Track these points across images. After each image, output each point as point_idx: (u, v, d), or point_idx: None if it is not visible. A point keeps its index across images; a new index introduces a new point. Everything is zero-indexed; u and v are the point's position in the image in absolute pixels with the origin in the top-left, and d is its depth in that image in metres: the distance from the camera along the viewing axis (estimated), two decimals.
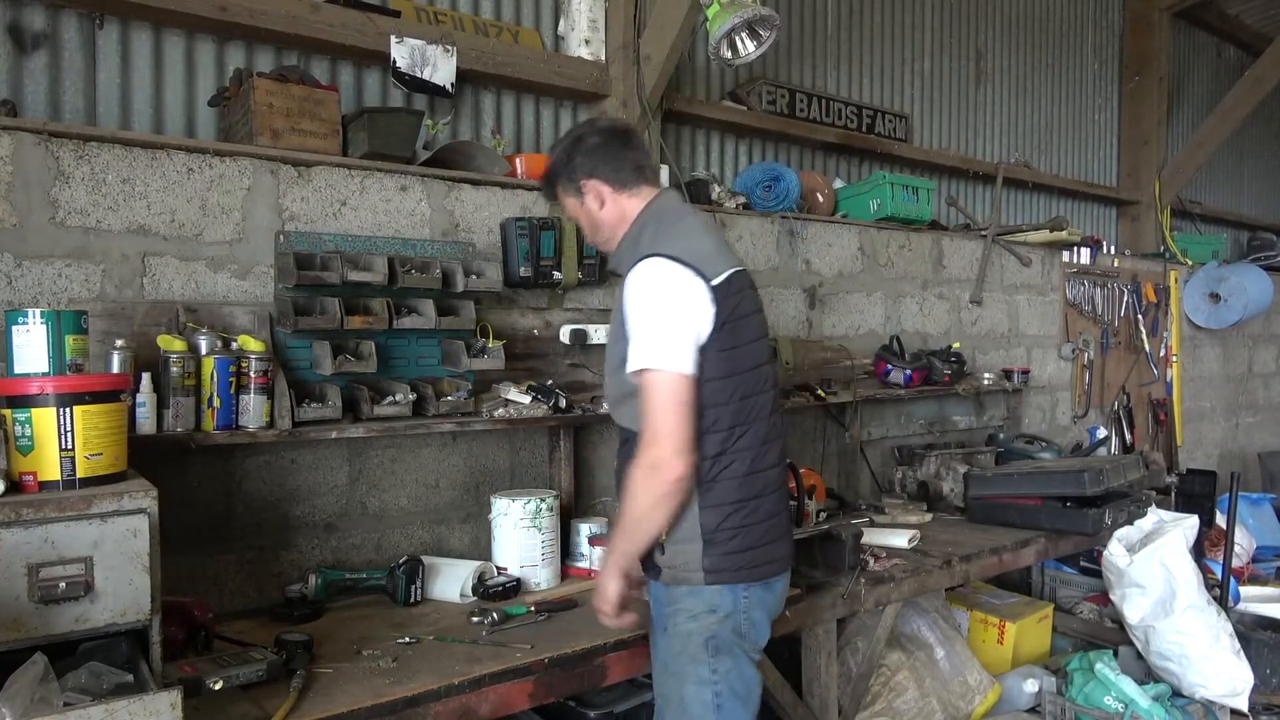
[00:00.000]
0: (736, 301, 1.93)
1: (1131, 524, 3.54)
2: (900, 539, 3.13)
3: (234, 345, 2.33)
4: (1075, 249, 5.30)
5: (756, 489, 1.94)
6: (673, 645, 1.94)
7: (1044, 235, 4.96)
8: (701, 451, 1.89)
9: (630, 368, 1.87)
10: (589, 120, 2.19)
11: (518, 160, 3.13)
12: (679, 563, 1.93)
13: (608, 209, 2.05)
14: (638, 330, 1.87)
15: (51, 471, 1.63)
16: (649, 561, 1.99)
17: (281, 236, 2.50)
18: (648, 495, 1.85)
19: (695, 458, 1.86)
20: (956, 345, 4.37)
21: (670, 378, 1.83)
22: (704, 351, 1.87)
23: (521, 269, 2.92)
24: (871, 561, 2.89)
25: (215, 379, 2.24)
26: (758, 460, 1.94)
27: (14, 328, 1.73)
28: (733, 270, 1.94)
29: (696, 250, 1.92)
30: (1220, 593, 3.83)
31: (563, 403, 2.80)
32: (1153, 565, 3.37)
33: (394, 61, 2.93)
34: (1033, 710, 3.35)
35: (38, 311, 1.73)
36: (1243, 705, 3.33)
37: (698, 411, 1.88)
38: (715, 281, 1.89)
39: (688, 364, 1.85)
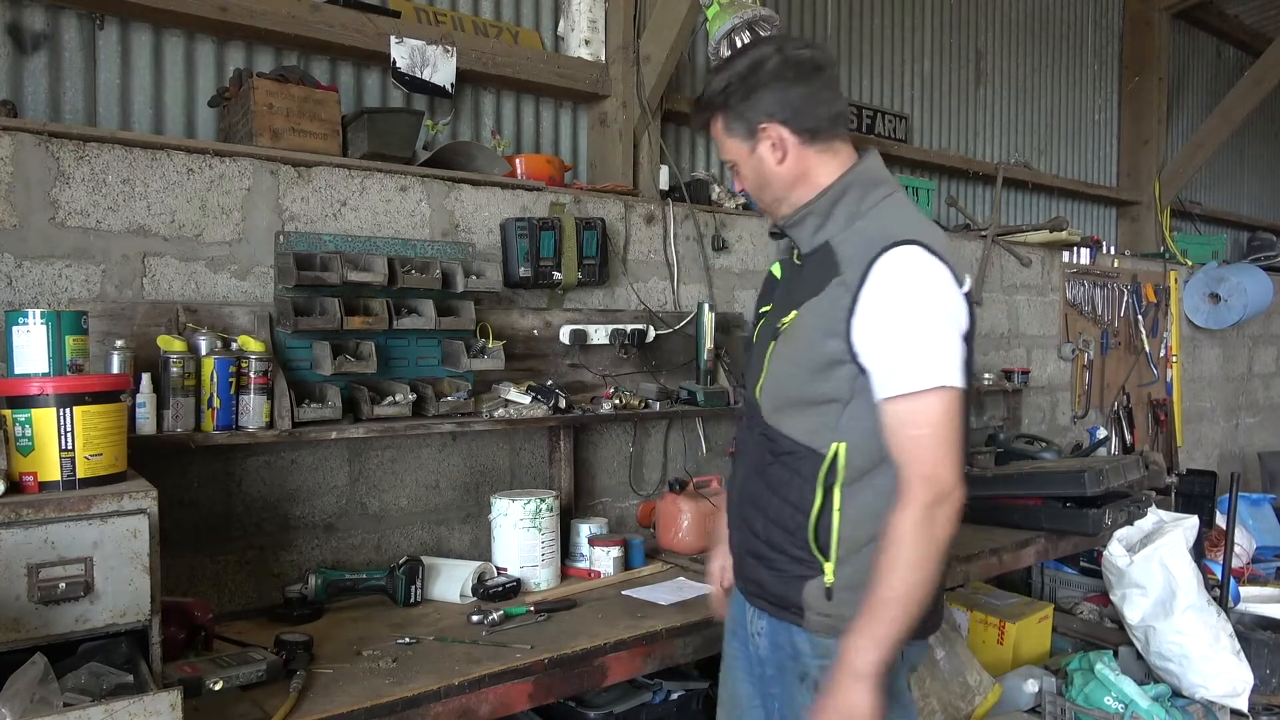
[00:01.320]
0: (973, 322, 1.61)
1: (1131, 524, 3.54)
2: None
3: (234, 346, 2.33)
4: (1075, 249, 5.30)
5: None
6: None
7: (1044, 236, 4.96)
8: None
9: (893, 387, 1.53)
10: (773, 39, 1.75)
11: (517, 160, 3.13)
12: (851, 614, 1.57)
13: (789, 163, 1.65)
14: (904, 341, 1.52)
15: (51, 472, 1.63)
16: (779, 596, 1.70)
17: (281, 237, 2.50)
18: (932, 544, 1.51)
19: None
20: None
21: (954, 397, 1.52)
22: None
23: (521, 269, 2.92)
24: None
25: (215, 379, 2.24)
26: None
27: (14, 328, 1.73)
28: (968, 278, 1.62)
29: (944, 245, 1.59)
30: (1220, 593, 3.84)
31: (562, 403, 2.80)
32: (1153, 566, 3.37)
33: (394, 62, 2.93)
34: (1033, 711, 3.34)
35: (38, 312, 1.73)
36: (1243, 705, 3.33)
37: None
38: (964, 290, 1.59)
39: (964, 378, 1.55)
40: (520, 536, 2.60)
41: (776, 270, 1.86)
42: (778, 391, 1.70)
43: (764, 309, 1.82)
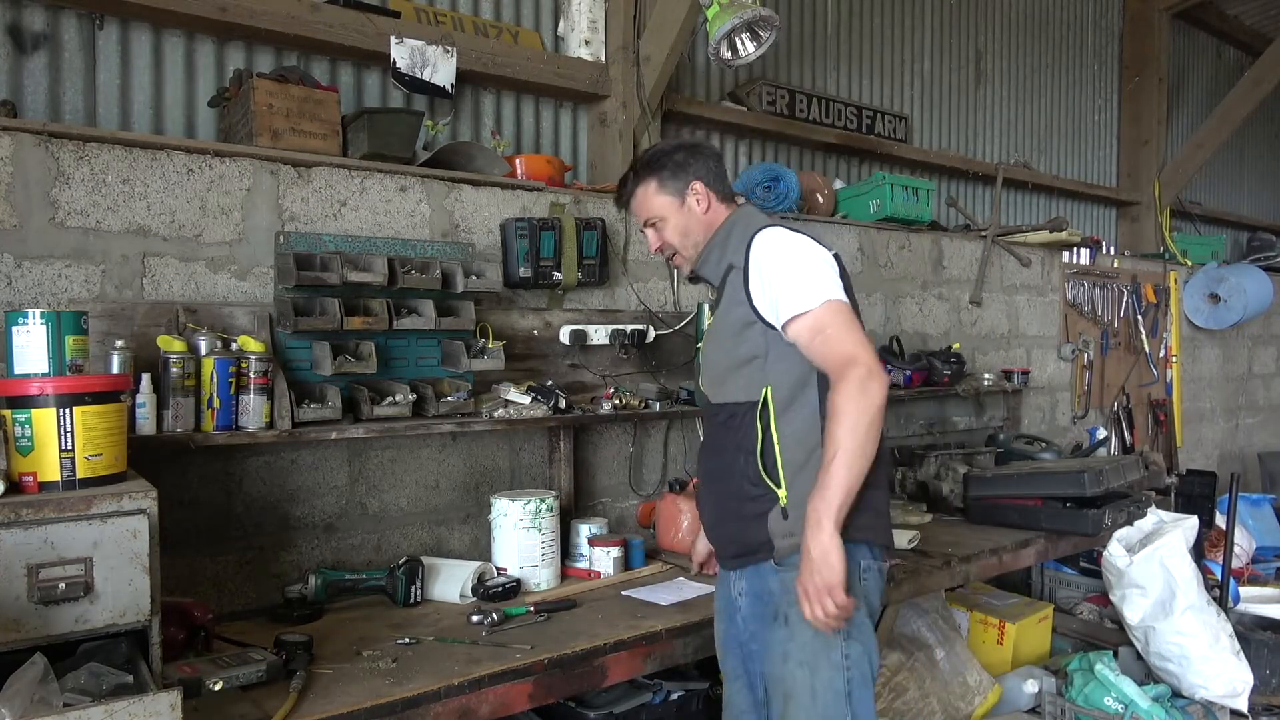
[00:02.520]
0: (847, 279, 1.97)
1: (1131, 525, 3.54)
2: (900, 539, 3.13)
3: (234, 346, 2.33)
4: (1075, 250, 5.30)
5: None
6: (798, 634, 1.85)
7: (1044, 236, 4.96)
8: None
9: (790, 311, 1.85)
10: (698, 142, 2.31)
11: (517, 161, 3.13)
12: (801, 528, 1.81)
13: (710, 212, 2.11)
14: (786, 279, 1.88)
15: (51, 472, 1.63)
16: (750, 542, 1.94)
17: (281, 237, 2.50)
18: (867, 412, 1.76)
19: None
20: (956, 346, 4.37)
21: (842, 305, 1.86)
22: None
23: (521, 269, 2.92)
24: None
25: (215, 380, 2.23)
26: None
27: (14, 328, 1.73)
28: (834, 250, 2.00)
29: (811, 234, 2.00)
30: (1220, 593, 3.83)
31: (562, 403, 2.80)
32: (1152, 566, 3.37)
33: (394, 62, 2.93)
34: (1033, 711, 3.35)
35: (38, 312, 1.73)
36: (1242, 706, 3.33)
37: None
38: (833, 251, 1.98)
39: (844, 296, 1.88)
40: (520, 537, 2.60)
41: (707, 317, 2.27)
42: (713, 370, 2.06)
43: (699, 344, 2.26)
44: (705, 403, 2.13)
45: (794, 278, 1.88)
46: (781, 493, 1.90)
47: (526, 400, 2.76)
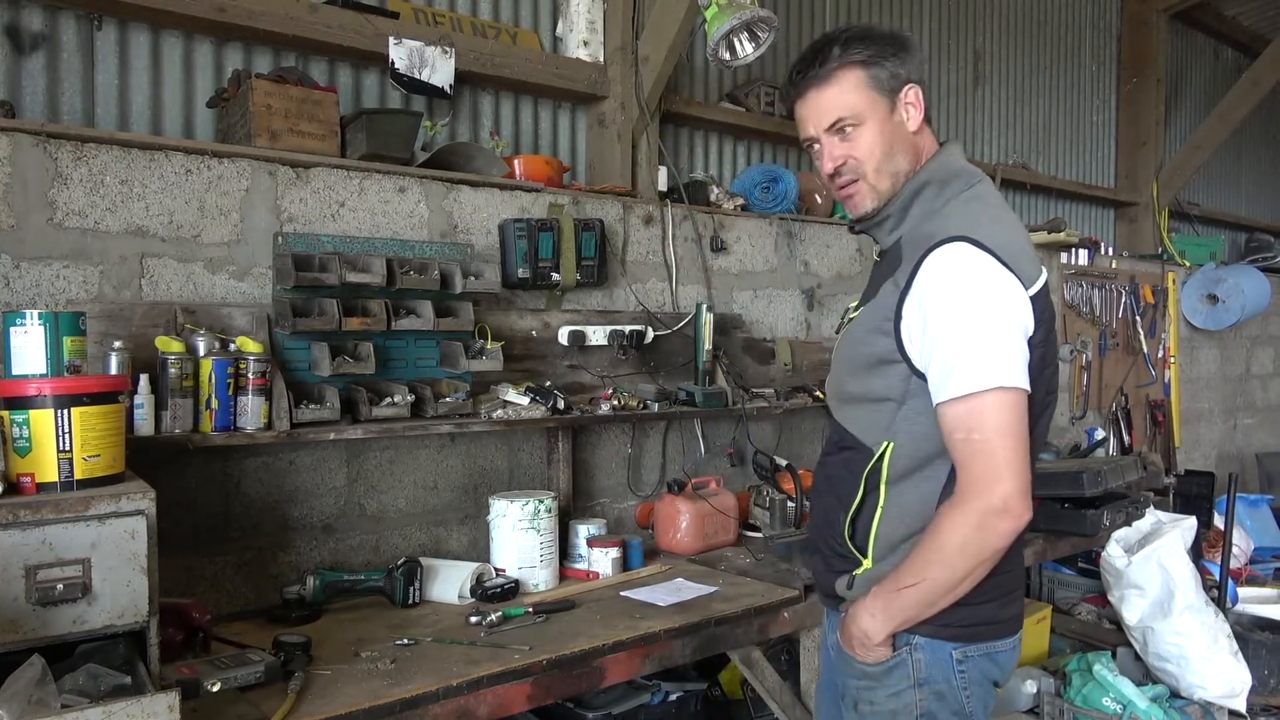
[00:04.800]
0: (1048, 319, 1.55)
1: (1130, 525, 3.54)
2: None
3: (232, 346, 2.33)
4: (1073, 250, 5.30)
5: None
6: None
7: (1042, 237, 4.97)
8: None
9: (946, 391, 1.48)
10: (905, 35, 1.70)
11: (516, 161, 3.13)
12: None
13: (919, 130, 1.64)
14: (954, 341, 1.47)
15: (49, 473, 1.63)
16: (825, 581, 1.74)
17: (280, 238, 2.50)
18: (977, 553, 1.47)
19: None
20: None
21: (1012, 398, 1.45)
22: None
23: (520, 270, 2.92)
24: None
25: (213, 380, 2.23)
26: None
27: (11, 329, 1.73)
28: (1044, 275, 1.56)
29: (1012, 244, 1.52)
30: (1218, 594, 3.84)
31: (561, 404, 2.80)
32: (1151, 566, 3.37)
33: (392, 63, 2.93)
34: (1031, 711, 3.35)
35: (35, 313, 1.73)
36: (1241, 706, 3.34)
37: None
38: (1033, 290, 1.52)
39: (1026, 379, 1.47)
40: (519, 537, 2.60)
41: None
42: (838, 386, 1.73)
43: (852, 304, 1.81)
44: (828, 403, 1.81)
45: (961, 345, 1.46)
46: (865, 563, 1.63)
47: (525, 401, 2.76)
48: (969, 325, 1.46)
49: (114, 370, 2.08)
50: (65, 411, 1.64)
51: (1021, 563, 1.73)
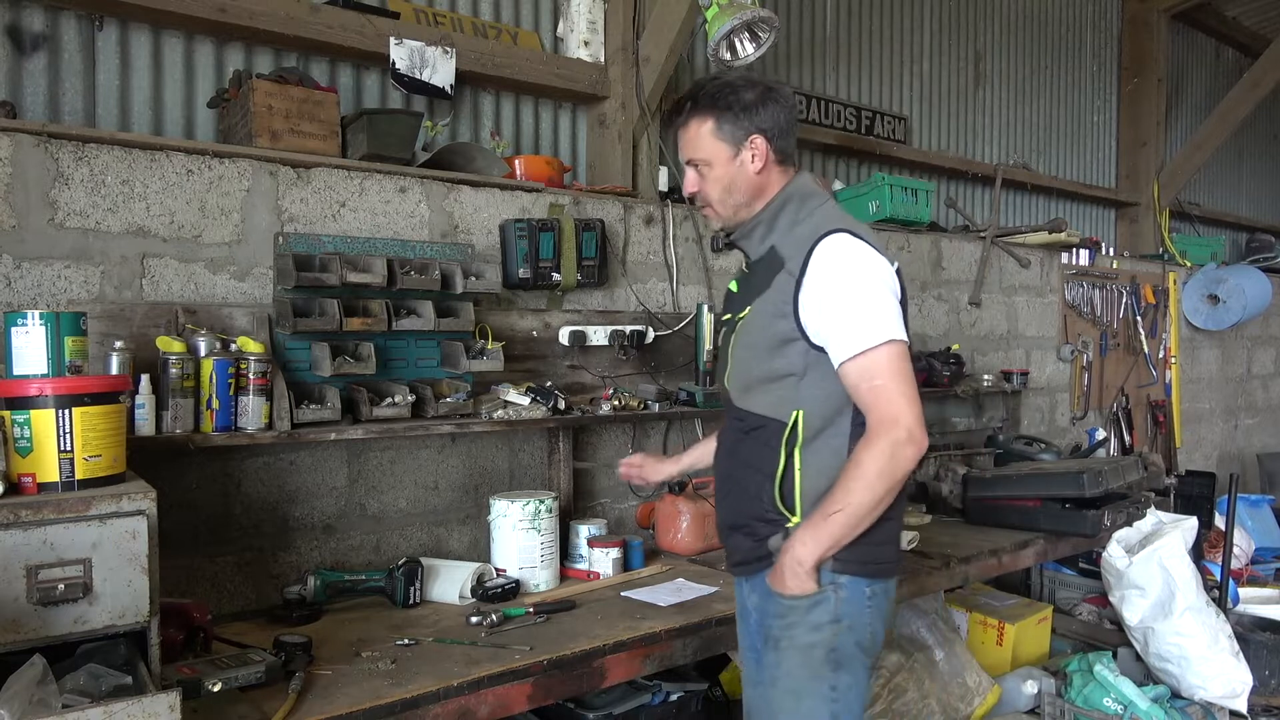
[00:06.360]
0: (904, 292, 1.86)
1: (1130, 525, 3.55)
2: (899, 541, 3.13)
3: (233, 347, 2.33)
4: (1074, 251, 5.30)
5: None
6: (786, 659, 1.84)
7: (1043, 237, 4.97)
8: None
9: (845, 350, 1.74)
10: (776, 85, 1.95)
11: (517, 162, 3.13)
12: None
13: (763, 174, 1.90)
14: (846, 310, 1.75)
15: (50, 473, 1.63)
16: (751, 551, 1.90)
17: (280, 238, 2.50)
18: (890, 476, 1.73)
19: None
20: (955, 347, 4.37)
21: (899, 349, 1.75)
22: None
23: (520, 270, 2.92)
24: None
25: (214, 380, 2.23)
26: None
27: (13, 329, 1.73)
28: (896, 262, 1.87)
29: (873, 236, 1.86)
30: (1219, 594, 3.84)
31: (561, 404, 2.80)
32: (1152, 567, 3.38)
33: (393, 63, 2.93)
34: (1032, 712, 3.35)
35: (36, 313, 1.73)
36: (1241, 706, 3.34)
37: None
38: (895, 266, 1.85)
39: (905, 333, 1.78)
40: (519, 538, 2.60)
41: (734, 286, 2.09)
42: (742, 375, 1.93)
43: (725, 317, 2.07)
44: (728, 399, 2.01)
45: (855, 310, 1.75)
46: (795, 520, 1.84)
47: (525, 401, 2.76)
48: (858, 295, 1.76)
49: (115, 370, 2.08)
50: (66, 412, 1.64)
51: (903, 512, 2.03)
